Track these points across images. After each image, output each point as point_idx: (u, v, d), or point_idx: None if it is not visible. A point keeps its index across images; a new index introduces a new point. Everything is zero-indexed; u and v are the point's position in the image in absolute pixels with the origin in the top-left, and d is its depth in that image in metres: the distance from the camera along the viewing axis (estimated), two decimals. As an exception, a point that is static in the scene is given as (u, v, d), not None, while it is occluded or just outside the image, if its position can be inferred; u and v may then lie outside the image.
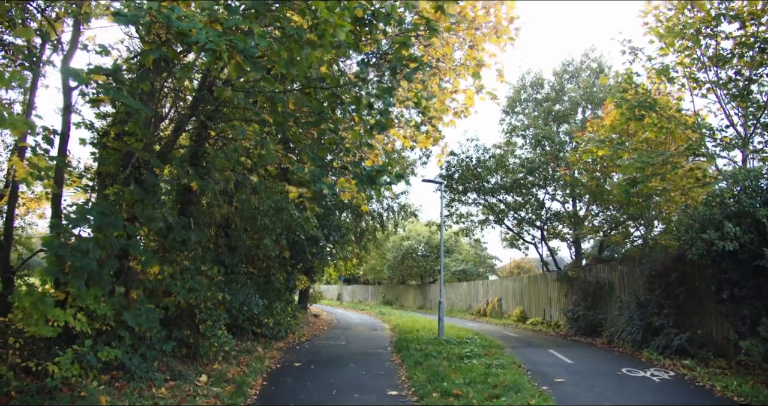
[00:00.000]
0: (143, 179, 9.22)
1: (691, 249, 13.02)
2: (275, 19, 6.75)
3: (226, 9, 6.58)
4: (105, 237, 8.14)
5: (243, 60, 6.23)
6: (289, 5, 7.17)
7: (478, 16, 12.22)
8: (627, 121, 15.97)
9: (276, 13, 6.79)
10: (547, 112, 29.53)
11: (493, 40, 12.48)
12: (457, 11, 11.98)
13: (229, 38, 5.95)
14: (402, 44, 9.33)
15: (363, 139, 11.31)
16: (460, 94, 14.51)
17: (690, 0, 14.84)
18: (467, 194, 31.03)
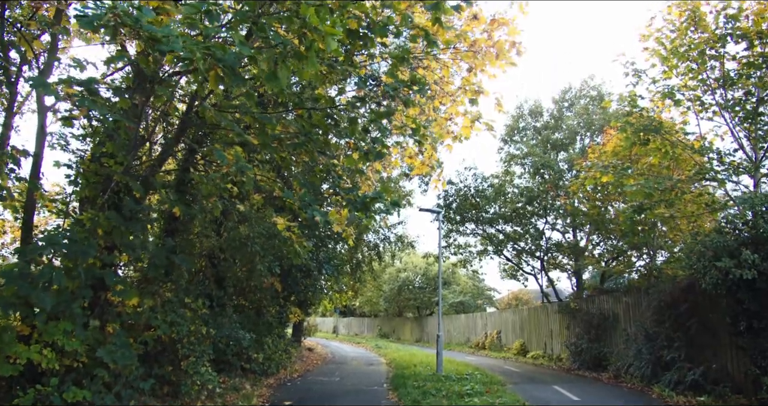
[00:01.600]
0: (122, 205, 8.57)
1: (704, 278, 12.34)
2: (259, 28, 6.17)
3: (206, 14, 6.00)
4: (77, 266, 7.49)
5: (222, 71, 5.64)
6: (276, 16, 6.58)
7: (478, 39, 11.71)
8: (631, 145, 15.46)
9: (260, 20, 6.21)
10: (545, 141, 29.11)
11: (494, 63, 11.97)
12: (455, 34, 11.47)
13: (206, 45, 5.37)
14: (400, 59, 8.79)
15: (357, 165, 10.73)
16: (459, 117, 13.98)
17: (693, 22, 14.45)
18: (465, 224, 30.50)
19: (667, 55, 15.05)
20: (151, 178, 9.91)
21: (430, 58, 12.56)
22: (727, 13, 13.87)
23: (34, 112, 9.22)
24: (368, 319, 61.79)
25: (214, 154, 8.26)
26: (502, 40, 11.15)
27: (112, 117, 6.13)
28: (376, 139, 9.90)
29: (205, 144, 12.19)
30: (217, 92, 11.02)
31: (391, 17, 7.99)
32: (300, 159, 11.46)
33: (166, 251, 9.78)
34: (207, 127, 11.37)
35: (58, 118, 8.42)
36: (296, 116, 9.80)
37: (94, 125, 9.07)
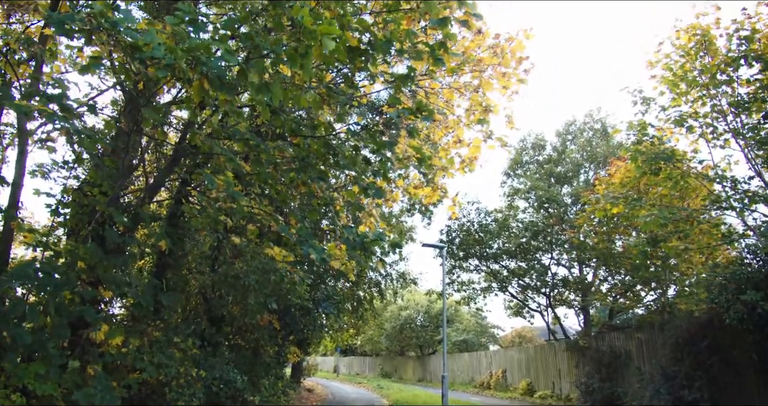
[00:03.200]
0: (104, 237, 7.94)
1: (728, 312, 11.64)
2: (246, 36, 5.64)
3: (191, 24, 5.46)
4: (51, 301, 6.84)
5: (208, 79, 5.09)
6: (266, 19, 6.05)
7: (484, 57, 11.24)
8: (642, 175, 14.89)
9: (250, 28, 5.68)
10: (549, 174, 28.69)
11: (502, 81, 11.48)
12: (461, 52, 11.03)
13: (189, 47, 4.83)
14: (404, 78, 8.25)
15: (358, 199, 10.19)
16: (464, 147, 13.42)
17: (703, 46, 14.06)
18: (469, 260, 29.92)
19: (676, 81, 14.62)
20: (139, 210, 9.32)
21: (435, 84, 12.11)
22: (740, 34, 13.47)
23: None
24: (369, 358, 60.54)
25: (203, 179, 7.70)
26: (508, 56, 10.69)
27: (88, 137, 5.53)
28: (378, 172, 9.33)
29: (197, 174, 11.65)
30: (212, 121, 10.54)
31: (394, 33, 7.47)
32: (297, 192, 10.86)
33: (153, 288, 9.13)
34: (201, 157, 10.85)
35: (34, 140, 7.85)
36: (293, 145, 9.25)
37: (78, 151, 8.50)
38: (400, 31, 7.79)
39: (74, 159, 8.23)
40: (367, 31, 7.44)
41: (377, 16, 7.97)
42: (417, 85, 11.91)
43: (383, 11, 7.83)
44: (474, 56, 10.99)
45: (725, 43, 13.91)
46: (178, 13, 5.47)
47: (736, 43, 13.57)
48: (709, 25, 14.13)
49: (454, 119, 13.02)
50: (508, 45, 11.06)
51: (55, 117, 5.00)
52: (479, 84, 11.83)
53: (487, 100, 12.01)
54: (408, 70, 8.34)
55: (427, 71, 11.74)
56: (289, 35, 5.46)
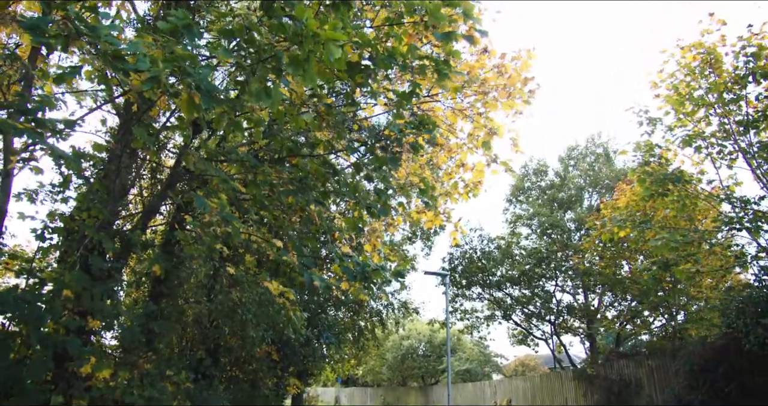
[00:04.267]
0: (90, 264, 7.51)
1: (748, 338, 11.15)
2: (249, 39, 5.28)
3: (185, 29, 5.09)
4: (33, 332, 6.39)
5: (196, 92, 4.72)
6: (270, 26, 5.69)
7: (489, 77, 10.91)
8: (650, 197, 14.50)
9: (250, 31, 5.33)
10: (551, 200, 28.41)
11: (506, 102, 11.13)
12: (466, 72, 10.70)
13: (171, 57, 4.46)
14: (408, 95, 7.92)
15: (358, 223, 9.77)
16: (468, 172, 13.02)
17: (709, 65, 13.79)
18: (471, 288, 29.47)
19: (682, 100, 14.33)
20: (131, 236, 8.91)
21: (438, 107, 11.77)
22: (746, 51, 13.22)
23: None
24: (371, 389, 59.48)
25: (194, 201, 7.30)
26: (514, 76, 10.36)
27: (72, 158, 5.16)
28: (380, 191, 8.96)
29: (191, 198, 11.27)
30: (207, 144, 10.20)
31: (396, 47, 7.13)
32: (296, 218, 10.47)
33: (145, 317, 8.66)
34: (196, 182, 10.49)
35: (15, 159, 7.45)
36: (292, 165, 8.88)
37: (66, 173, 8.12)
38: (403, 45, 7.49)
39: (61, 182, 7.83)
40: (369, 45, 7.12)
41: (379, 30, 7.66)
42: (419, 108, 11.60)
43: (385, 25, 7.52)
44: (478, 76, 10.67)
45: (732, 60, 13.65)
46: (172, 19, 5.13)
47: (743, 60, 13.31)
48: (714, 44, 13.88)
49: (457, 143, 12.68)
50: (513, 64, 10.77)
51: (36, 136, 4.62)
52: (483, 105, 11.50)
53: (491, 123, 11.65)
54: (411, 86, 8.02)
55: (430, 93, 11.44)
56: (291, 38, 5.10)
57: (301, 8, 5.00)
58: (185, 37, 5.24)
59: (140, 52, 4.61)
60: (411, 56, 7.37)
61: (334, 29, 5.10)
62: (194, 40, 5.30)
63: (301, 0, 5.47)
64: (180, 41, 5.35)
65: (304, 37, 5.06)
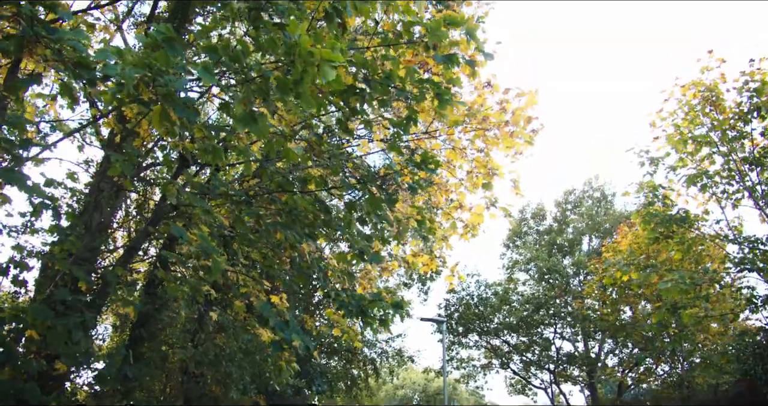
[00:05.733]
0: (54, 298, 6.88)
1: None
2: (234, 57, 4.81)
3: (166, 43, 4.61)
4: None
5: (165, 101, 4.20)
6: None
7: (490, 114, 10.42)
8: (655, 239, 14.00)
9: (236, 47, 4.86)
10: (550, 244, 28.06)
11: (507, 141, 10.63)
12: (466, 108, 10.26)
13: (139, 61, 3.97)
14: (406, 121, 7.46)
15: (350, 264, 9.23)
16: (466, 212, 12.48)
17: (711, 102, 13.51)
18: (468, 336, 28.72)
19: (684, 138, 14.00)
20: (107, 273, 8.32)
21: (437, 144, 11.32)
22: (748, 87, 12.95)
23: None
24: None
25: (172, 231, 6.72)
26: (517, 113, 9.92)
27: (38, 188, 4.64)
28: (370, 237, 8.39)
29: (176, 241, 10.69)
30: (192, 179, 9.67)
31: (394, 71, 6.69)
32: (287, 255, 9.86)
33: (121, 362, 8.00)
34: (180, 218, 9.95)
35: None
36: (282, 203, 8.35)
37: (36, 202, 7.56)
38: (401, 68, 7.07)
39: (32, 212, 7.27)
40: (365, 67, 6.67)
41: (375, 52, 7.24)
42: (417, 147, 11.16)
43: (382, 45, 7.09)
44: (479, 111, 10.23)
45: (734, 96, 13.42)
46: (152, 33, 4.65)
47: (746, 95, 13.04)
48: (715, 81, 13.64)
49: (456, 183, 12.20)
50: (517, 101, 10.32)
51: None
52: (484, 142, 11.04)
53: (492, 163, 11.17)
54: (409, 112, 7.56)
55: (427, 129, 11.01)
56: (281, 56, 4.62)
57: (295, 23, 4.53)
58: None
59: (106, 57, 4.12)
60: (410, 79, 6.94)
61: (331, 48, 4.59)
62: (176, 56, 4.82)
63: (293, 7, 5.03)
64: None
65: (297, 55, 4.57)
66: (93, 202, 8.69)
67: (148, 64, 4.09)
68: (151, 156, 9.66)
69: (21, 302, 8.21)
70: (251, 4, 5.10)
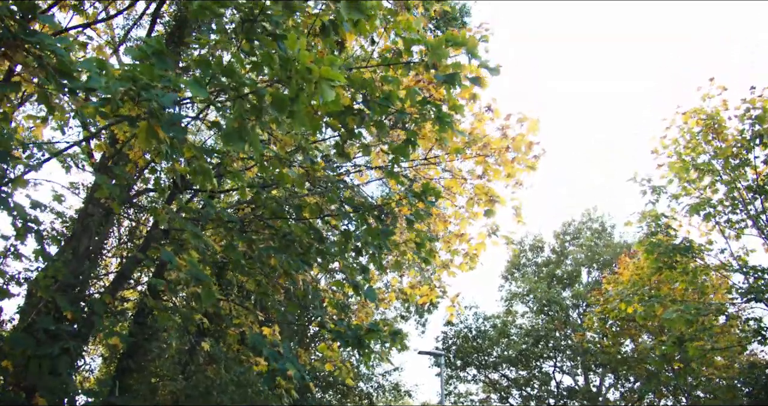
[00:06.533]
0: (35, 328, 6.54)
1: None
2: (227, 69, 4.57)
3: (155, 56, 4.38)
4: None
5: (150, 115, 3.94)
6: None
7: (491, 140, 10.19)
8: (658, 269, 13.71)
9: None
10: (549, 276, 27.83)
11: (508, 168, 10.38)
12: (467, 134, 10.05)
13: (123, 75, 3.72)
14: (405, 145, 7.23)
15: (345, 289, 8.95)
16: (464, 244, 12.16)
17: (713, 130, 13.39)
18: (466, 369, 28.26)
19: (687, 166, 13.83)
20: (93, 301, 8.00)
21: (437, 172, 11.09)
22: (750, 114, 12.85)
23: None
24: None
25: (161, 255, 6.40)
26: (518, 139, 9.71)
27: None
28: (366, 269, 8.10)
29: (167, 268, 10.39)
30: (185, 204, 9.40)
31: (393, 91, 6.47)
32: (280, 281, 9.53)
33: (107, 394, 7.63)
34: (172, 244, 9.67)
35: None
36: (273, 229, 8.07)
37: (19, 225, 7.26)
38: (402, 89, 6.86)
39: (16, 235, 6.98)
40: (363, 87, 6.45)
41: (374, 72, 7.04)
42: (417, 177, 10.93)
43: (381, 65, 6.89)
44: (480, 137, 10.01)
45: (736, 124, 13.31)
46: (142, 46, 4.43)
47: (748, 123, 12.93)
48: (716, 108, 13.55)
49: (456, 211, 11.93)
50: (519, 126, 10.11)
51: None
52: (484, 170, 10.80)
53: (492, 191, 10.91)
54: (408, 135, 7.33)
55: (426, 157, 10.79)
56: (276, 72, 4.38)
57: (293, 37, 4.29)
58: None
59: (94, 70, 3.88)
60: (410, 100, 6.71)
61: (330, 65, 4.32)
62: (165, 69, 4.58)
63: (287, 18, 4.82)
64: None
65: (294, 71, 4.32)
66: (81, 226, 8.42)
67: (133, 78, 3.83)
68: (143, 180, 9.42)
69: (5, 331, 7.85)
70: (244, 16, 4.89)
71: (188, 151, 5.06)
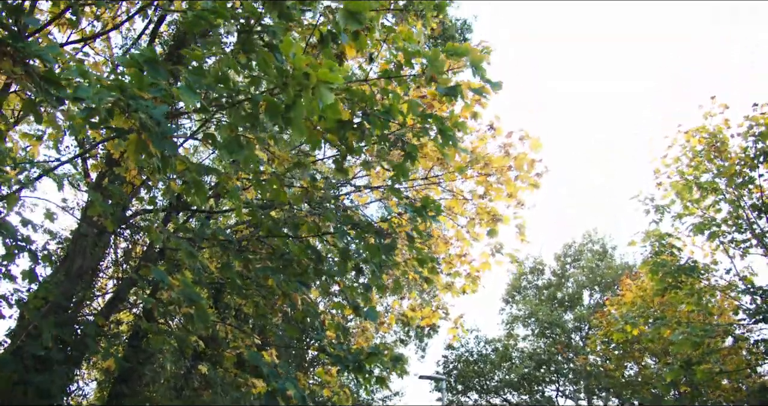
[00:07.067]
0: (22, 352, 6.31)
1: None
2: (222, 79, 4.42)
3: (148, 65, 4.22)
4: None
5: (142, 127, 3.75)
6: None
7: (493, 159, 10.02)
8: (664, 290, 13.48)
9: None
10: (550, 299, 27.58)
11: (511, 186, 10.19)
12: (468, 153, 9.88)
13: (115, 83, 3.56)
14: (405, 160, 7.06)
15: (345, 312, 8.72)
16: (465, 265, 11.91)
17: (715, 148, 13.27)
18: (468, 394, 27.85)
19: (690, 185, 13.68)
20: (85, 323, 7.78)
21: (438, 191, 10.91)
22: (753, 131, 12.76)
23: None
24: None
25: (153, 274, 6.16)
26: (521, 157, 9.55)
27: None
28: (369, 288, 7.93)
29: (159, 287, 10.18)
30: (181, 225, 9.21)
31: (394, 104, 6.31)
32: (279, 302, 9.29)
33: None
34: (167, 264, 9.46)
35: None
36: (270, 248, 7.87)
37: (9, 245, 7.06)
38: (402, 103, 6.71)
39: (5, 255, 6.77)
40: (363, 100, 6.30)
41: (374, 86, 6.89)
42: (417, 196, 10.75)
43: (382, 78, 6.75)
44: (482, 155, 9.85)
45: (739, 142, 13.20)
46: (134, 55, 4.27)
47: (751, 140, 12.81)
48: (719, 126, 13.45)
49: (458, 231, 11.72)
50: (521, 144, 9.96)
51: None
52: (486, 190, 10.61)
53: (495, 210, 10.72)
54: (409, 149, 7.17)
55: (427, 176, 10.63)
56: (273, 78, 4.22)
57: (289, 41, 4.14)
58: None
59: (83, 78, 3.71)
60: (411, 113, 6.55)
61: (329, 69, 4.15)
62: (157, 79, 4.42)
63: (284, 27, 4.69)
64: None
65: (291, 77, 4.15)
66: (74, 246, 8.22)
67: (121, 87, 3.66)
68: (138, 199, 9.24)
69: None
70: (240, 27, 4.76)
71: (180, 164, 4.89)
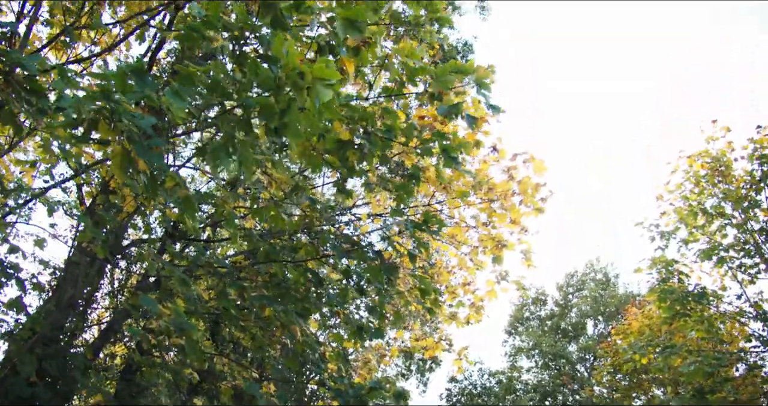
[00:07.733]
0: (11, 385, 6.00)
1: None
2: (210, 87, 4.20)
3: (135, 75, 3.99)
4: None
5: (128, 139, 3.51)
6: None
7: (496, 184, 9.75)
8: (672, 317, 13.16)
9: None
10: (554, 329, 27.19)
11: (514, 212, 9.92)
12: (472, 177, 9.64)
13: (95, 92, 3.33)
14: (409, 181, 6.85)
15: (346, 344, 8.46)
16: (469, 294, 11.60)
17: (719, 173, 13.10)
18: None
19: (694, 210, 13.48)
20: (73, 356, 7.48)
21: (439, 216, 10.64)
22: (757, 154, 12.62)
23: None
24: None
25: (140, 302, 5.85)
26: (526, 181, 9.31)
27: None
28: (374, 309, 7.69)
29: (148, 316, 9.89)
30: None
31: (396, 123, 6.13)
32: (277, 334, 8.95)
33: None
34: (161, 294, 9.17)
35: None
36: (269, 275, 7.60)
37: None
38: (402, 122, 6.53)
39: None
40: (364, 119, 6.10)
41: (375, 105, 6.70)
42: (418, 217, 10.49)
43: (383, 95, 6.57)
44: (485, 179, 9.60)
45: (744, 165, 13.05)
46: (122, 65, 4.05)
47: (756, 163, 12.64)
48: (722, 150, 13.30)
49: (461, 258, 11.42)
50: (525, 167, 9.73)
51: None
52: (489, 217, 10.33)
53: (500, 236, 10.42)
54: (412, 170, 6.97)
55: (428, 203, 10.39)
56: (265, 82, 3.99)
57: (281, 38, 3.92)
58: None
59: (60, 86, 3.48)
60: (408, 137, 6.36)
61: (324, 65, 3.93)
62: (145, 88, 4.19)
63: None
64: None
65: (285, 77, 3.93)
66: (65, 274, 7.97)
67: (104, 92, 3.42)
68: (133, 226, 8.99)
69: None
70: (234, 38, 4.58)
71: (170, 180, 4.64)
